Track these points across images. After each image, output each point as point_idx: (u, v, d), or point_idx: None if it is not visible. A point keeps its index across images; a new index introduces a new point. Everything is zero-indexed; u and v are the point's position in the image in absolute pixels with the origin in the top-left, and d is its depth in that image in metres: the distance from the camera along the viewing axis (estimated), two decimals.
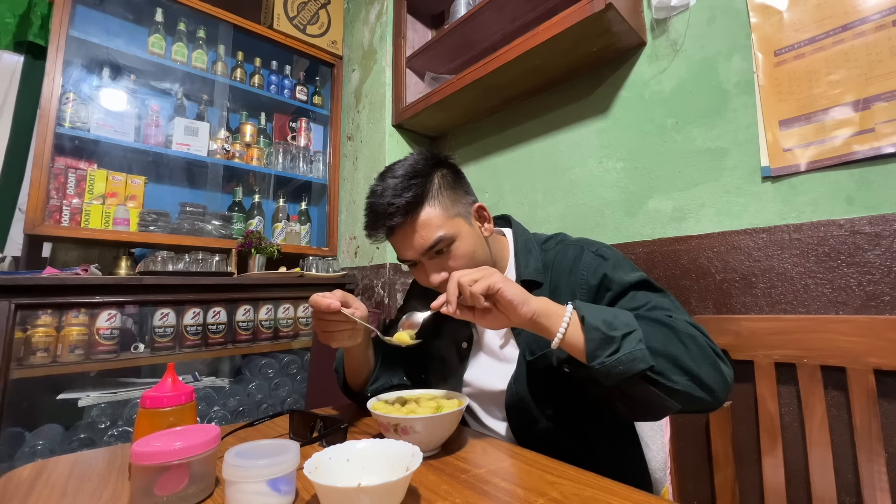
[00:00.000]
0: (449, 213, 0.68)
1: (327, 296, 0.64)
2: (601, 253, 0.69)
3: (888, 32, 0.77)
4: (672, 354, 0.51)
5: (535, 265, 0.73)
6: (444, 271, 0.68)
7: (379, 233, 0.70)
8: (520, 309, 0.53)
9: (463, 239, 0.68)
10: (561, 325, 0.53)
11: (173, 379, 0.59)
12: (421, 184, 0.67)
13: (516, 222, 0.83)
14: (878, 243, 0.76)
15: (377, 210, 0.68)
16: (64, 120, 1.44)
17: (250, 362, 1.67)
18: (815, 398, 0.79)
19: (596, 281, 0.66)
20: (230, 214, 1.79)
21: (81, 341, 1.28)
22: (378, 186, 0.70)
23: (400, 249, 0.70)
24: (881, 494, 0.71)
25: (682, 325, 0.54)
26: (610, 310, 0.55)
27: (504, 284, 0.54)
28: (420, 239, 0.66)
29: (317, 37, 2.02)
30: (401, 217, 0.65)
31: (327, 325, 0.66)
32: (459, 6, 1.48)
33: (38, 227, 1.33)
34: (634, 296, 0.62)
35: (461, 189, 0.73)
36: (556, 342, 0.53)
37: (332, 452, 0.48)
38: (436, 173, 0.70)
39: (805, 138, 0.85)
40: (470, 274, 0.56)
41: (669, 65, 1.07)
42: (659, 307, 0.59)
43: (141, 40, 1.64)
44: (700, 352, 0.52)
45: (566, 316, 0.53)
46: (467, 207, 0.72)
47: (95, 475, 0.56)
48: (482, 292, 0.54)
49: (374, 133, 1.79)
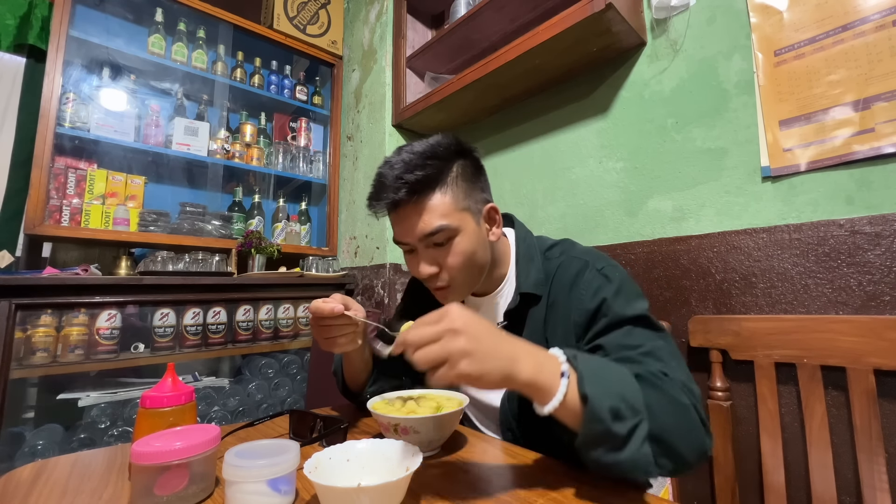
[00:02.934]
0: (458, 204, 0.64)
1: (328, 301, 0.63)
2: (605, 273, 0.64)
3: (888, 32, 0.77)
4: (665, 441, 0.45)
5: (535, 276, 0.69)
6: (435, 265, 0.65)
7: (381, 205, 0.64)
8: (487, 382, 0.43)
9: (466, 235, 0.64)
10: (551, 401, 0.44)
11: (173, 379, 0.59)
12: (437, 167, 0.63)
13: (519, 223, 0.80)
14: (878, 243, 0.76)
15: (384, 181, 0.63)
16: (64, 120, 1.44)
17: (250, 362, 1.67)
18: (815, 398, 0.79)
19: (593, 305, 0.61)
20: (230, 214, 1.79)
21: (81, 341, 1.28)
22: (392, 157, 0.65)
23: (398, 229, 0.67)
24: (881, 494, 0.71)
25: (676, 393, 0.48)
26: (613, 377, 0.46)
27: (464, 362, 0.42)
28: (421, 223, 0.62)
29: (317, 37, 2.02)
30: (406, 194, 0.61)
31: (329, 331, 0.65)
32: (459, 6, 1.48)
33: (37, 227, 1.33)
34: (631, 332, 0.57)
35: (478, 185, 0.69)
36: (539, 410, 0.45)
37: (332, 452, 0.48)
38: (456, 161, 0.66)
39: (805, 138, 0.85)
40: (424, 331, 0.44)
41: (669, 65, 1.07)
42: (654, 354, 0.54)
43: (141, 40, 1.64)
44: (689, 433, 0.47)
45: (559, 393, 0.44)
46: (479, 205, 0.68)
47: (95, 475, 0.56)
48: (432, 362, 0.43)
49: (374, 133, 1.79)
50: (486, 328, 0.45)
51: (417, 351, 0.43)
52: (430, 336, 0.44)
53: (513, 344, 0.46)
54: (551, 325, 0.67)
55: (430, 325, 0.45)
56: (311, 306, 0.64)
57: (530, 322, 0.69)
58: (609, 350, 0.57)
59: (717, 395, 0.89)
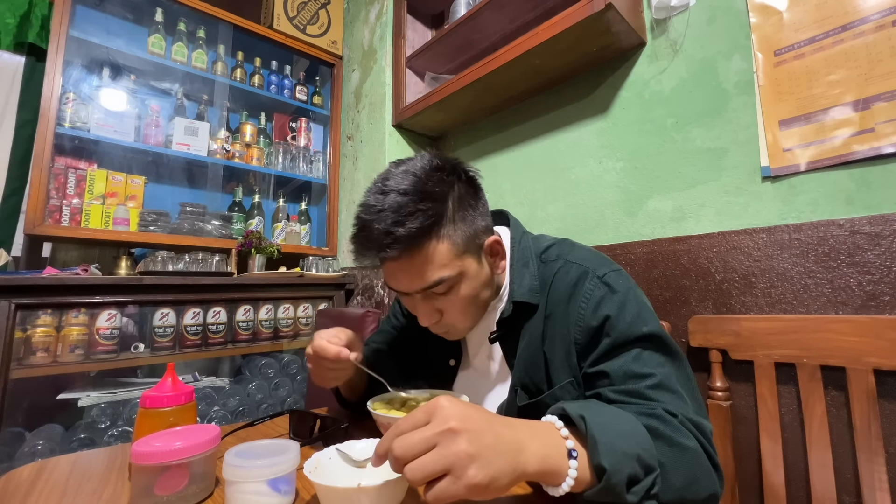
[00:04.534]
0: (458, 248, 0.56)
1: (332, 340, 0.61)
2: (608, 281, 0.58)
3: (888, 32, 0.77)
4: (675, 500, 0.43)
5: (530, 283, 0.63)
6: (436, 314, 0.60)
7: (367, 259, 0.57)
8: (496, 489, 0.35)
9: (468, 281, 0.58)
10: (562, 485, 0.39)
11: (173, 379, 0.59)
12: (431, 210, 0.54)
13: (514, 220, 0.74)
14: (878, 243, 0.76)
15: (370, 234, 0.54)
16: (64, 120, 1.44)
17: (250, 362, 1.67)
18: (814, 398, 0.79)
19: (596, 322, 0.55)
20: (230, 214, 1.79)
21: (81, 341, 1.28)
22: (376, 201, 0.55)
23: (390, 281, 0.60)
24: (881, 494, 0.71)
25: (686, 439, 0.45)
26: (625, 431, 0.42)
27: (472, 469, 0.34)
28: (417, 277, 0.56)
29: (317, 37, 2.02)
30: (398, 251, 0.53)
31: (327, 372, 0.63)
32: (459, 6, 1.48)
33: (37, 227, 1.33)
34: (639, 356, 0.52)
35: (477, 212, 0.60)
36: (550, 491, 0.41)
37: (332, 452, 0.48)
38: (450, 194, 0.57)
39: (805, 138, 0.85)
40: (413, 440, 0.36)
41: (669, 65, 1.07)
42: (664, 386, 0.50)
43: (141, 40, 1.64)
44: (698, 482, 0.44)
45: (569, 477, 0.39)
46: (480, 239, 0.60)
47: (95, 475, 0.56)
48: (431, 476, 0.34)
49: (374, 133, 1.79)
50: (485, 419, 0.38)
51: (409, 465, 0.35)
52: (424, 445, 0.35)
53: (512, 428, 0.39)
54: (549, 339, 0.62)
55: (419, 428, 0.36)
56: (315, 345, 0.61)
57: (526, 333, 0.64)
58: (615, 379, 0.52)
59: (717, 395, 0.89)
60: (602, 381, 0.54)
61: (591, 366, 0.56)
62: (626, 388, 0.51)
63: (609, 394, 0.52)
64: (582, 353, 0.58)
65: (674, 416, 0.47)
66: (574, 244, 0.69)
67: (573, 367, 0.59)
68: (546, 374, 0.62)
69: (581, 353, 0.58)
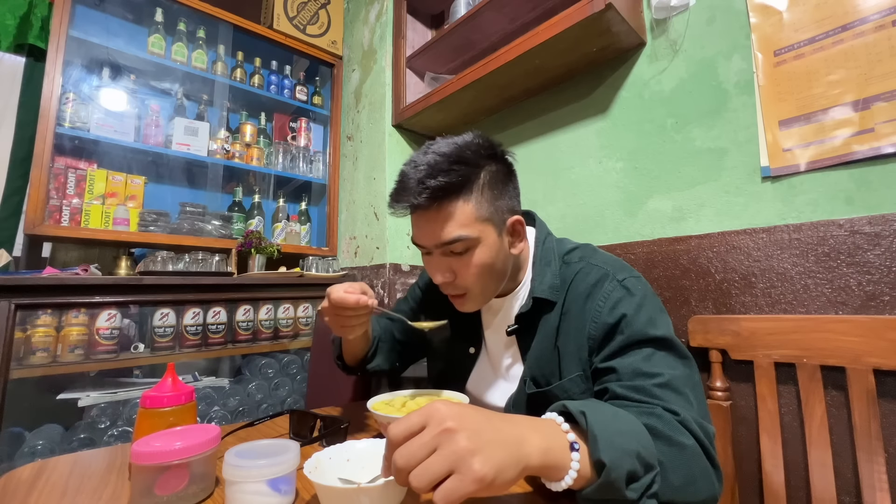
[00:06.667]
0: (480, 214, 0.61)
1: (350, 291, 0.62)
2: (627, 285, 0.60)
3: (888, 32, 0.77)
4: (674, 499, 0.44)
5: (550, 281, 0.66)
6: (450, 273, 0.63)
7: (401, 206, 0.62)
8: (504, 481, 0.35)
9: (485, 247, 0.62)
10: (564, 478, 0.39)
11: (173, 379, 0.59)
12: (463, 173, 0.59)
13: (541, 222, 0.77)
14: (878, 243, 0.76)
15: (407, 183, 0.61)
16: (64, 120, 1.44)
17: (250, 362, 1.67)
18: (814, 398, 0.79)
19: (612, 319, 0.57)
20: (230, 214, 1.79)
21: (81, 341, 1.28)
22: (418, 157, 0.62)
23: (416, 232, 0.65)
24: (881, 494, 0.71)
25: (686, 439, 0.46)
26: (625, 429, 0.43)
27: (476, 463, 0.34)
28: (439, 231, 0.60)
29: (317, 37, 2.02)
30: (427, 200, 0.59)
31: (348, 321, 0.65)
32: (459, 6, 1.48)
33: (37, 227, 1.33)
34: (650, 356, 0.54)
35: (507, 193, 0.65)
36: (550, 486, 0.41)
37: (332, 452, 0.48)
38: (484, 167, 0.62)
39: (805, 138, 0.85)
40: (413, 447, 0.35)
41: (669, 65, 1.07)
42: (671, 386, 0.51)
43: (141, 40, 1.64)
44: (697, 483, 0.46)
45: (571, 470, 0.39)
46: (504, 215, 0.64)
47: (95, 475, 0.56)
48: (437, 479, 0.34)
49: (374, 133, 1.79)
50: (481, 416, 0.38)
51: (412, 473, 0.34)
52: (425, 450, 0.35)
53: (512, 423, 0.40)
54: (563, 334, 0.64)
55: (416, 434, 0.36)
56: (332, 297, 0.62)
57: (542, 329, 0.67)
58: (622, 375, 0.54)
59: (717, 395, 0.89)
60: (611, 376, 0.55)
61: (602, 361, 0.58)
62: (633, 384, 0.52)
63: (616, 388, 0.53)
64: (594, 348, 0.60)
65: (674, 415, 0.48)
66: (597, 249, 0.71)
67: (583, 361, 0.61)
68: (557, 367, 0.64)
69: (593, 348, 0.60)
